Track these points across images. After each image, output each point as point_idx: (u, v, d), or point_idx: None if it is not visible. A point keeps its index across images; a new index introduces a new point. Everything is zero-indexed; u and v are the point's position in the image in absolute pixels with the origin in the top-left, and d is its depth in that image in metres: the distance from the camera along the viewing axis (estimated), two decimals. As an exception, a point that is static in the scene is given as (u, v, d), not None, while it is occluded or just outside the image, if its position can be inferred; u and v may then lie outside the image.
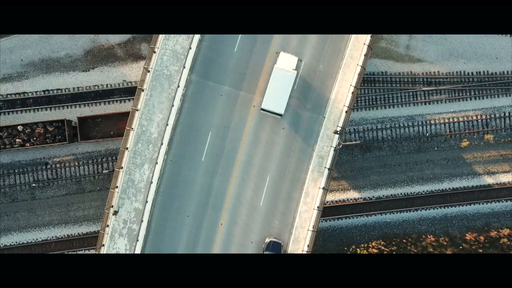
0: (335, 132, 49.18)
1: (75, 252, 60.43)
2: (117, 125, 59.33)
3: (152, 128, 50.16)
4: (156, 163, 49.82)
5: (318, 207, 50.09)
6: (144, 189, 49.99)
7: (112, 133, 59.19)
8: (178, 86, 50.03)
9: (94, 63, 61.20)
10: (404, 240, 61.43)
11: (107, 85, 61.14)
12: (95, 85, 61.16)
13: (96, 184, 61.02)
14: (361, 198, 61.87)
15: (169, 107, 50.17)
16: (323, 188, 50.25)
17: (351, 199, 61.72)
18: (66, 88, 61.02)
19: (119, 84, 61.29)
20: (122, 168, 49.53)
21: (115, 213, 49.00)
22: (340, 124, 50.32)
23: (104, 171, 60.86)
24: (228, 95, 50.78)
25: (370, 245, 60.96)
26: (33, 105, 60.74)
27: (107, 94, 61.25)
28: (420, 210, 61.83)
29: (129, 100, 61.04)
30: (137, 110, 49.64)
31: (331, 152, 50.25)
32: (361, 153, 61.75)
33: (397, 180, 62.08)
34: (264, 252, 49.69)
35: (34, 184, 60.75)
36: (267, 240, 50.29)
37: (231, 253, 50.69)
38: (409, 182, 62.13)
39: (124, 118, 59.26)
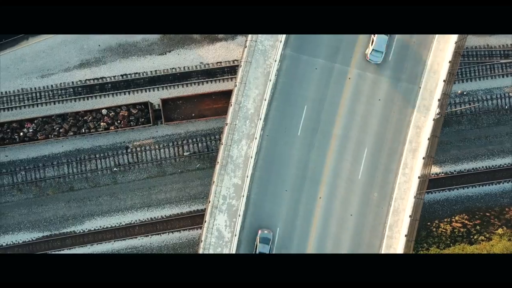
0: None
1: (159, 235, 60.46)
2: (198, 106, 59.32)
3: (249, 104, 50.16)
4: (255, 138, 49.78)
5: (419, 176, 49.92)
6: (243, 165, 49.97)
7: (193, 114, 59.13)
8: (275, 60, 50.01)
9: (170, 46, 61.26)
10: (487, 214, 61.15)
11: (184, 67, 61.18)
12: (173, 68, 61.20)
13: (177, 166, 61.00)
14: (442, 172, 61.64)
15: (265, 82, 50.14)
16: (427, 156, 49.93)
17: (432, 174, 61.29)
18: (144, 72, 61.10)
19: (196, 67, 61.30)
20: (223, 143, 49.63)
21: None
22: (439, 93, 50.16)
23: (185, 153, 60.83)
24: (323, 68, 50.75)
25: (453, 220, 60.67)
26: (112, 89, 60.85)
27: (184, 76, 61.29)
28: (502, 183, 61.56)
29: (206, 82, 61.03)
30: (236, 86, 49.68)
31: (430, 122, 50.10)
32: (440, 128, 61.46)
33: (477, 153, 61.82)
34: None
35: (115, 169, 60.80)
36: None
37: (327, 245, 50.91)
38: (490, 155, 61.86)
39: (204, 99, 59.41)
